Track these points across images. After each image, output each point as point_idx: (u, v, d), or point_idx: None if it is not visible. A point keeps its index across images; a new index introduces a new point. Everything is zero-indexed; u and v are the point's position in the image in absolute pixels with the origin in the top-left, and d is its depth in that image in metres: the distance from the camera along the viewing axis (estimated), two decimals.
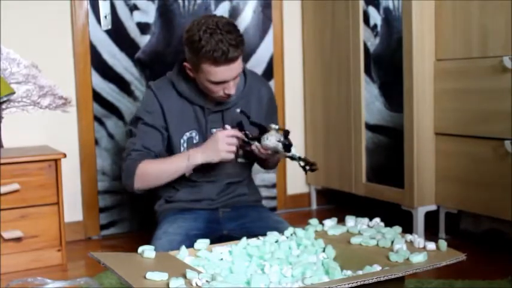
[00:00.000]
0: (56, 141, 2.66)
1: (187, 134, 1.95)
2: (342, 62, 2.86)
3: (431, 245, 1.51)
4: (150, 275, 1.26)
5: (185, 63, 1.90)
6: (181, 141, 1.95)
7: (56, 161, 2.35)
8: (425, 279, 2.04)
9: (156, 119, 1.93)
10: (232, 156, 1.82)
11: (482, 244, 2.50)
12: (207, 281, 1.23)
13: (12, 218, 2.29)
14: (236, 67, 1.81)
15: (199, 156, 1.83)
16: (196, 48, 1.79)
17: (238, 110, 1.91)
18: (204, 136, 1.94)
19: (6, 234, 2.27)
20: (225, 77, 1.80)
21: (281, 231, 1.67)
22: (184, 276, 1.26)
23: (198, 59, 1.80)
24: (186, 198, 1.99)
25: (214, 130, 1.93)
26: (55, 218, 2.36)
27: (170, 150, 1.97)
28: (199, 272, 1.29)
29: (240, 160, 2.01)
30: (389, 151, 2.69)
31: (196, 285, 1.23)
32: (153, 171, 1.88)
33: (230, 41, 1.75)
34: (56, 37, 2.68)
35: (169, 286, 1.22)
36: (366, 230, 1.65)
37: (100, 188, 2.81)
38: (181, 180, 2.00)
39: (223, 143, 1.79)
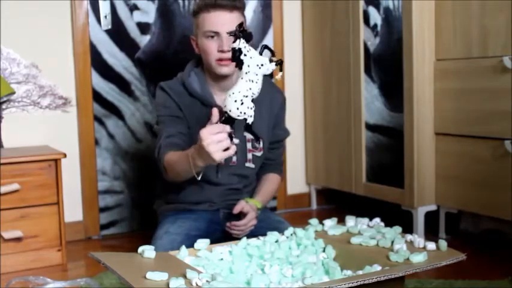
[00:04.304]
0: (56, 141, 2.66)
1: None
2: (342, 62, 2.86)
3: (431, 245, 1.51)
4: (150, 275, 1.26)
5: (191, 36, 1.97)
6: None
7: (56, 161, 2.35)
8: (425, 279, 2.04)
9: (175, 111, 1.91)
10: (229, 153, 1.55)
11: (482, 244, 2.50)
12: (207, 281, 1.23)
13: (12, 218, 2.29)
14: (229, 19, 1.83)
15: (198, 161, 1.62)
16: (195, 8, 1.90)
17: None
18: None
19: (6, 234, 2.27)
20: (216, 24, 1.84)
21: (281, 231, 1.67)
22: (185, 276, 1.26)
23: (196, 18, 1.89)
24: (186, 200, 1.98)
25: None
26: (55, 218, 2.36)
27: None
28: (199, 272, 1.29)
29: (248, 165, 1.99)
30: (389, 151, 2.69)
31: (197, 285, 1.23)
32: (173, 168, 1.78)
33: None
34: (56, 37, 2.68)
35: (170, 286, 1.22)
36: (366, 230, 1.65)
37: (100, 188, 2.81)
38: (182, 182, 1.99)
39: (213, 145, 1.53)
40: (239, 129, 1.82)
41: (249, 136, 1.92)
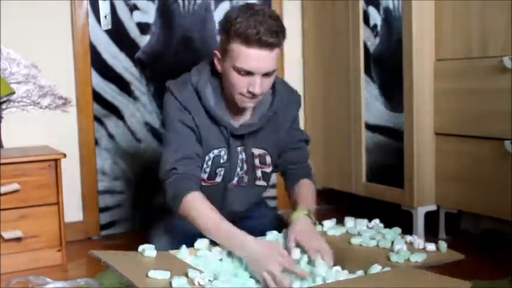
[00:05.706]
0: (56, 141, 2.66)
1: (216, 151, 1.73)
2: (342, 62, 2.86)
3: (431, 246, 1.51)
4: (152, 273, 1.26)
5: (215, 50, 1.69)
6: (207, 158, 1.73)
7: (56, 161, 2.34)
8: None
9: (190, 121, 1.70)
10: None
11: (482, 244, 2.50)
12: (209, 280, 1.23)
13: (12, 218, 2.29)
14: (268, 59, 1.60)
15: (235, 250, 1.50)
16: (229, 25, 1.58)
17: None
18: (232, 156, 1.75)
19: (6, 234, 2.27)
20: (253, 65, 1.58)
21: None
22: (187, 275, 1.26)
23: (228, 37, 1.59)
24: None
25: (239, 149, 1.75)
26: (55, 218, 2.36)
27: None
28: (201, 272, 1.29)
29: (258, 183, 1.83)
30: (389, 151, 2.69)
31: (199, 284, 1.23)
32: (196, 218, 1.57)
33: (271, 25, 1.56)
34: (56, 37, 2.68)
35: (172, 285, 1.22)
36: (365, 231, 1.65)
37: (100, 188, 2.81)
38: None
39: (275, 264, 1.40)
40: (248, 144, 1.76)
41: (256, 151, 1.77)
